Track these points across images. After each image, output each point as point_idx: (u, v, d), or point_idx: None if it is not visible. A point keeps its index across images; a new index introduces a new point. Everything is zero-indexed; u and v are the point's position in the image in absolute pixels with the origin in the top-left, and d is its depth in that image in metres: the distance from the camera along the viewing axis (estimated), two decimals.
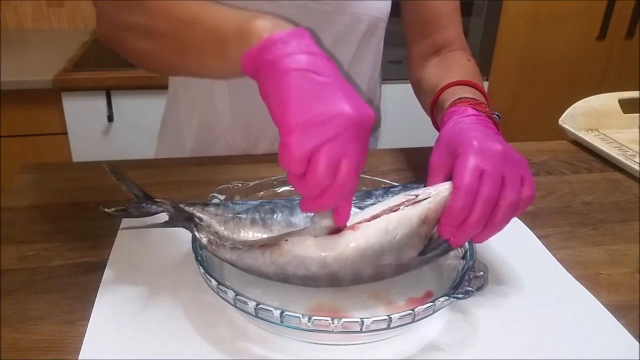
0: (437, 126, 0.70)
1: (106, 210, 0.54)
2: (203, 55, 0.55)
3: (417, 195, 0.50)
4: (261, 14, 0.49)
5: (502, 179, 0.49)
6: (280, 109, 0.44)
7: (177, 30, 0.56)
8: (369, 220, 0.49)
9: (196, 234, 0.53)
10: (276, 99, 0.44)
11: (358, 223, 0.49)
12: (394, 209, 0.50)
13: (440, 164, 0.53)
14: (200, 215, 0.55)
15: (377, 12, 0.83)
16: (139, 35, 0.61)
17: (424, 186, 0.52)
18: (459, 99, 0.62)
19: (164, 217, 0.55)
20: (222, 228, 0.55)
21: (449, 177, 0.51)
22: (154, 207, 0.55)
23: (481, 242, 0.52)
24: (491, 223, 0.49)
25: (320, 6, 0.79)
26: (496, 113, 0.61)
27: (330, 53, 0.77)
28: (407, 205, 0.49)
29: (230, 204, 0.57)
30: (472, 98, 0.62)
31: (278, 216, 0.56)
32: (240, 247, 0.52)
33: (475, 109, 0.58)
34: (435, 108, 0.70)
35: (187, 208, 0.55)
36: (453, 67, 0.77)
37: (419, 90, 0.82)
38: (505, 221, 0.50)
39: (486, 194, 0.48)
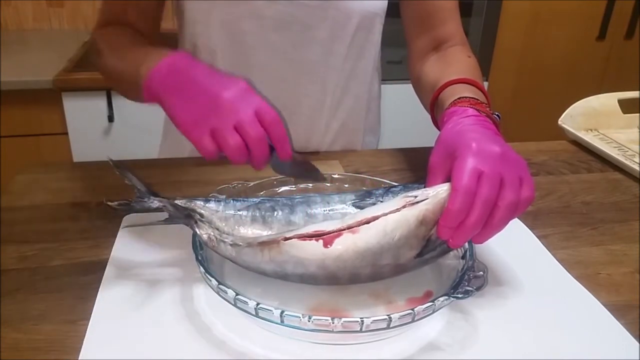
0: (437, 124, 0.70)
1: (109, 203, 0.54)
2: (135, 93, 0.67)
3: (415, 197, 0.50)
4: (146, 56, 0.62)
5: (501, 179, 0.49)
6: (173, 121, 0.57)
7: (117, 72, 0.72)
8: (368, 222, 0.49)
9: (196, 230, 0.53)
10: (169, 115, 0.58)
11: (357, 226, 0.49)
12: (393, 211, 0.50)
13: (440, 165, 0.53)
14: (201, 211, 0.55)
15: (371, 6, 0.83)
16: (99, 62, 0.77)
17: (424, 187, 0.52)
18: (459, 98, 0.62)
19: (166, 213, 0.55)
20: (223, 224, 0.55)
21: (448, 179, 0.51)
22: (156, 202, 0.56)
23: (481, 243, 0.51)
24: (490, 224, 0.49)
25: (312, 1, 0.79)
26: (496, 113, 0.61)
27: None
28: (405, 207, 0.50)
29: (232, 201, 0.57)
30: (472, 97, 0.62)
31: (278, 214, 0.56)
32: (240, 243, 0.52)
33: (476, 109, 0.58)
34: (435, 106, 0.70)
35: (188, 204, 0.55)
36: (453, 63, 0.77)
37: (418, 87, 0.82)
38: (505, 222, 0.50)
39: (484, 195, 0.48)
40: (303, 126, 0.88)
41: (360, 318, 0.44)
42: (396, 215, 0.49)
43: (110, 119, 1.59)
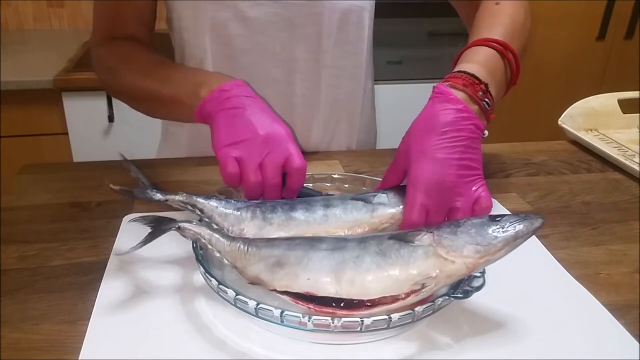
0: None
1: (112, 186, 0.56)
2: (170, 112, 0.75)
3: (423, 285, 0.47)
4: (206, 79, 0.67)
5: (450, 208, 0.54)
6: (213, 140, 0.61)
7: (149, 92, 0.74)
8: (370, 305, 0.48)
9: (183, 235, 0.53)
10: (212, 134, 0.62)
11: (357, 310, 0.48)
12: (395, 298, 0.47)
13: (400, 161, 0.58)
14: (201, 207, 0.56)
15: (356, 1, 0.83)
16: (114, 81, 0.79)
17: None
18: (455, 73, 0.60)
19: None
20: (223, 221, 0.55)
21: (402, 179, 0.59)
22: (158, 195, 0.57)
23: None
24: None
25: (295, 0, 0.80)
26: (487, 100, 0.59)
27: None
28: (410, 296, 0.47)
29: (233, 201, 0.58)
30: (470, 74, 0.59)
31: (278, 211, 0.56)
32: (227, 262, 0.52)
33: (466, 93, 0.57)
34: None
35: (188, 199, 0.57)
36: (478, 19, 0.71)
37: None
38: None
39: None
40: (299, 126, 0.88)
41: (360, 318, 0.44)
42: (398, 303, 0.48)
43: (110, 119, 1.60)
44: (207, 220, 0.56)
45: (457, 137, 0.55)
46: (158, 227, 0.53)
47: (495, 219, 0.48)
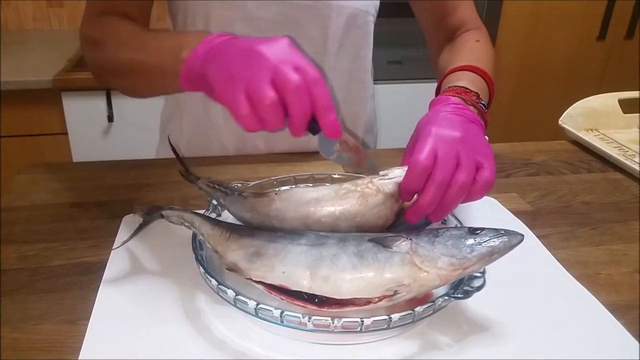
0: None
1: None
2: (153, 83, 0.65)
3: (395, 292, 0.47)
4: (185, 39, 0.57)
5: (457, 162, 0.50)
6: (214, 92, 0.50)
7: (130, 63, 0.66)
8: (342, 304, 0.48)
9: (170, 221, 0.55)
10: (212, 89, 0.50)
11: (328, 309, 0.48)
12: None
13: (410, 150, 0.55)
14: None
15: (362, 5, 0.83)
16: (98, 55, 0.72)
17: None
18: (448, 87, 0.64)
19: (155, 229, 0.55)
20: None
21: None
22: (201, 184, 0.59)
23: (437, 222, 0.54)
24: (442, 202, 0.51)
25: (303, 1, 0.80)
26: (482, 102, 0.63)
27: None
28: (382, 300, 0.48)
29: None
30: (461, 86, 0.63)
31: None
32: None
33: (460, 98, 0.60)
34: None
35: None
36: (460, 50, 0.77)
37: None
38: (457, 201, 0.51)
39: (438, 177, 0.50)
40: None
41: (360, 318, 0.44)
42: (370, 306, 0.48)
43: (110, 118, 1.60)
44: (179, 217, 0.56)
45: (460, 115, 0.56)
46: (147, 217, 0.55)
47: (474, 231, 0.48)
